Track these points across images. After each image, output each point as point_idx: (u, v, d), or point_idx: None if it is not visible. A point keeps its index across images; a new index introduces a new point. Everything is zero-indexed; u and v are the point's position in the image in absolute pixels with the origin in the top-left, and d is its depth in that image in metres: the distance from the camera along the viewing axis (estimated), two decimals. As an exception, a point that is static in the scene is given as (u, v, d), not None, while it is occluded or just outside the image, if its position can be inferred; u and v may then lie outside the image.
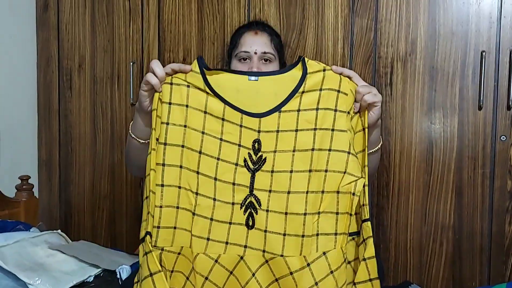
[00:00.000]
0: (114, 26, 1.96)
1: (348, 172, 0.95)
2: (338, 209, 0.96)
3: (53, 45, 2.07)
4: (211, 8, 1.83)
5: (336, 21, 1.68)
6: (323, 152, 0.97)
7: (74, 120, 2.05)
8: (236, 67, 1.24)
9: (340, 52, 1.68)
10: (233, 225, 0.97)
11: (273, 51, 1.24)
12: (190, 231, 0.97)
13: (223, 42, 1.82)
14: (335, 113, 0.97)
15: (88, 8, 1.99)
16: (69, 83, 2.05)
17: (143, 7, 1.91)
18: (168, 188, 0.95)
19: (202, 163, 0.98)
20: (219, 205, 0.97)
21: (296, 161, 0.97)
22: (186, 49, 1.87)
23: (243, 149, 0.98)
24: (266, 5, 1.76)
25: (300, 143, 0.97)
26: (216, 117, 0.99)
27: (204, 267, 0.97)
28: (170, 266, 0.95)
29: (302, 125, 0.98)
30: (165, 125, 0.96)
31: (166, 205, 0.95)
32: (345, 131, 0.96)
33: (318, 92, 0.99)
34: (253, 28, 1.26)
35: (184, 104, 0.98)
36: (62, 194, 2.09)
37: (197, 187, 0.98)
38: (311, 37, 1.71)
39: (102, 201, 2.03)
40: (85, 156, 2.04)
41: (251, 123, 0.98)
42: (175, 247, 0.96)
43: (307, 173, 0.96)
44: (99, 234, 2.04)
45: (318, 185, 0.96)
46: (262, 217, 0.96)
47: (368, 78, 1.66)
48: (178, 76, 0.99)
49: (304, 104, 0.98)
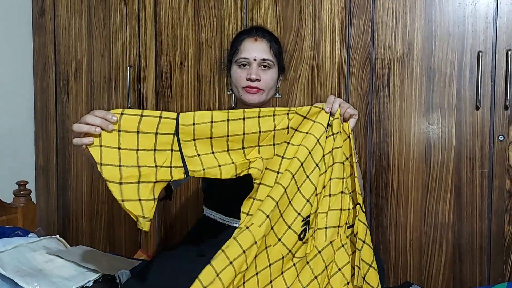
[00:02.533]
0: (110, 31, 1.96)
1: (345, 177, 1.13)
2: (341, 206, 1.12)
3: (49, 50, 2.06)
4: (207, 12, 1.83)
5: (333, 23, 1.69)
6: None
7: (71, 125, 2.02)
8: (236, 72, 1.26)
9: (338, 54, 1.69)
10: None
11: (272, 58, 1.26)
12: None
13: (220, 45, 1.82)
14: (333, 136, 1.12)
15: (84, 12, 1.99)
16: (66, 88, 2.05)
17: (139, 11, 1.91)
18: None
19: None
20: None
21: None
22: (183, 52, 1.87)
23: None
24: (263, 8, 1.76)
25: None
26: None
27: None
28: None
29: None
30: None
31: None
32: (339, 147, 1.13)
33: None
34: (253, 35, 1.28)
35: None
36: (60, 200, 2.08)
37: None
38: (308, 39, 1.71)
39: (100, 206, 2.02)
40: (83, 161, 2.03)
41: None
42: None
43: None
44: (98, 239, 2.03)
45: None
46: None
47: (366, 79, 1.66)
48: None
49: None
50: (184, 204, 1.90)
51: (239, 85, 1.25)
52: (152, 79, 1.91)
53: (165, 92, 1.89)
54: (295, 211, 1.06)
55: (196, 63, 1.85)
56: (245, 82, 1.23)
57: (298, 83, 1.73)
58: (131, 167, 0.94)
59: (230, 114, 1.02)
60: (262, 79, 1.24)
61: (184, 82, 1.87)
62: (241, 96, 1.25)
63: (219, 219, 1.28)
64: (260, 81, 1.23)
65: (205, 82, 1.85)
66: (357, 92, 1.67)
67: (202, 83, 1.85)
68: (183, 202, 1.90)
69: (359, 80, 1.67)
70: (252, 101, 1.24)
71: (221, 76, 1.82)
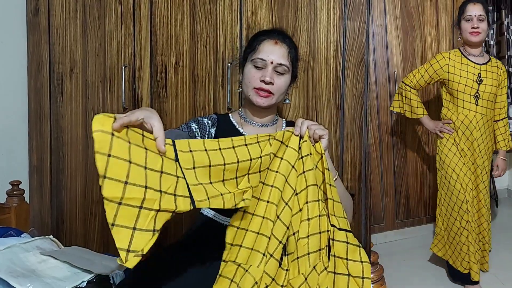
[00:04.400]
0: (105, 30, 1.95)
1: (320, 199, 1.13)
2: (320, 229, 1.11)
3: (44, 50, 2.05)
4: (203, 12, 1.83)
5: (329, 23, 1.69)
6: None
7: (65, 125, 2.03)
8: (251, 71, 1.25)
9: (333, 55, 1.69)
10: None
11: (288, 64, 1.26)
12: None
13: (216, 45, 1.81)
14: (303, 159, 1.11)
15: (79, 12, 1.98)
16: (61, 87, 2.04)
17: (135, 11, 1.90)
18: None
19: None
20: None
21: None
22: (178, 52, 1.86)
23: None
24: (258, 8, 1.76)
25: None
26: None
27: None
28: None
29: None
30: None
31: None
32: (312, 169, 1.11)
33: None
34: (273, 37, 1.27)
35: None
36: (54, 200, 2.07)
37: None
38: (303, 40, 1.71)
39: (94, 207, 2.01)
40: (77, 161, 2.02)
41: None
42: None
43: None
44: (92, 240, 2.01)
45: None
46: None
47: (361, 80, 1.67)
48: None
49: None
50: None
51: (251, 85, 1.24)
52: (147, 79, 1.90)
53: (160, 92, 1.89)
54: (277, 240, 1.05)
55: (191, 63, 1.85)
56: (258, 83, 1.23)
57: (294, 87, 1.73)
58: (138, 186, 0.81)
59: (220, 143, 1.01)
60: (275, 83, 1.24)
61: (180, 82, 1.86)
62: (250, 96, 1.25)
63: (217, 218, 1.27)
64: (273, 85, 1.24)
65: (201, 82, 1.84)
66: (352, 93, 1.68)
67: (197, 83, 1.85)
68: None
69: (354, 81, 1.67)
70: (259, 104, 1.24)
71: (216, 76, 1.82)
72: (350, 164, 1.69)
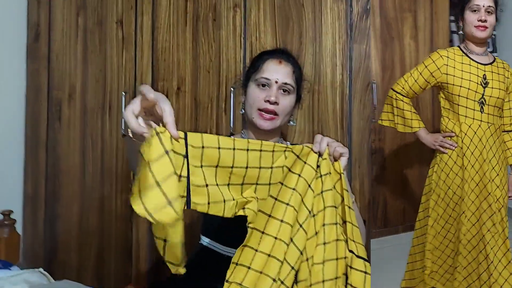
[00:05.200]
0: (106, 55, 1.92)
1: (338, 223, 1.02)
2: (337, 255, 1.00)
3: (42, 76, 2.01)
4: (206, 37, 1.80)
5: (334, 47, 1.66)
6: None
7: (62, 152, 1.96)
8: (254, 91, 1.20)
9: (339, 79, 1.64)
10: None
11: (293, 83, 1.22)
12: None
13: (219, 70, 1.78)
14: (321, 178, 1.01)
15: (80, 37, 1.95)
16: (59, 113, 1.98)
17: (136, 36, 1.87)
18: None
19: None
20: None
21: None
22: (180, 77, 1.82)
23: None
24: (262, 33, 1.74)
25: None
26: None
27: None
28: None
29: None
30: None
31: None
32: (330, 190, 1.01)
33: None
34: (277, 56, 1.23)
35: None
36: (47, 230, 1.97)
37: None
38: (309, 64, 1.67)
39: (90, 237, 1.91)
40: (73, 189, 1.94)
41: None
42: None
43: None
44: (85, 273, 1.91)
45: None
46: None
47: (368, 105, 1.62)
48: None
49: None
50: (178, 234, 1.80)
51: (255, 105, 1.18)
52: (147, 104, 1.85)
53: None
54: (289, 265, 0.94)
55: (193, 88, 1.80)
56: (262, 103, 1.17)
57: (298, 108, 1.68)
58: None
59: (236, 143, 0.93)
60: (280, 103, 1.18)
61: (181, 107, 1.81)
62: (253, 119, 1.19)
63: (218, 249, 1.19)
64: (278, 105, 1.18)
65: (203, 108, 1.79)
66: (359, 117, 1.62)
67: (199, 108, 1.79)
68: (177, 232, 1.80)
69: (362, 105, 1.62)
70: (264, 128, 1.18)
71: (219, 101, 1.77)
72: (359, 192, 1.61)
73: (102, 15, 1.92)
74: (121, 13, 1.89)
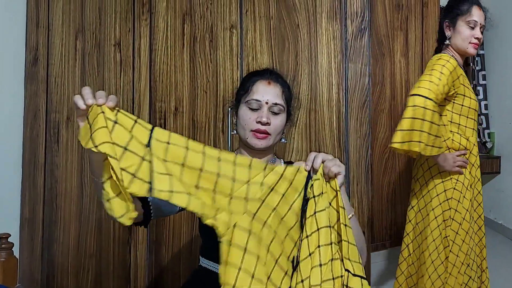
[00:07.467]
0: (104, 78, 1.93)
1: (333, 242, 1.01)
2: (333, 275, 0.99)
3: (41, 99, 2.02)
4: (203, 58, 1.82)
5: (330, 66, 1.68)
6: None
7: (60, 174, 1.96)
8: (246, 113, 1.22)
9: (335, 97, 1.66)
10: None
11: (283, 103, 1.24)
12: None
13: (216, 90, 1.79)
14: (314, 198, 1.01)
15: (78, 60, 1.97)
16: (56, 136, 1.99)
17: (134, 58, 1.89)
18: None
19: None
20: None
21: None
22: (178, 98, 1.83)
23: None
24: (259, 54, 1.76)
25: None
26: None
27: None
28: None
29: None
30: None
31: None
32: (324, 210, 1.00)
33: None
34: (266, 77, 1.25)
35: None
36: (45, 254, 1.95)
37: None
38: (305, 83, 1.69)
39: (87, 261, 1.89)
40: (71, 212, 1.93)
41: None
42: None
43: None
44: (83, 297, 1.88)
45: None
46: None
47: (365, 122, 1.63)
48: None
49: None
50: (176, 254, 1.78)
51: (248, 127, 1.20)
52: (145, 125, 1.86)
53: (158, 139, 1.84)
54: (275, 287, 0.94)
55: (191, 109, 1.82)
56: (254, 125, 1.19)
57: (295, 127, 1.69)
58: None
59: (206, 149, 0.91)
60: (272, 123, 1.20)
61: (179, 128, 1.82)
62: (247, 139, 1.20)
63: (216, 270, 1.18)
64: (270, 126, 1.19)
65: (200, 128, 1.80)
66: (356, 135, 1.63)
67: (197, 128, 1.80)
68: (175, 252, 1.78)
69: (358, 123, 1.63)
70: (258, 146, 1.19)
71: (216, 121, 1.78)
72: (357, 210, 1.61)
73: (100, 38, 1.94)
74: (118, 36, 1.92)
